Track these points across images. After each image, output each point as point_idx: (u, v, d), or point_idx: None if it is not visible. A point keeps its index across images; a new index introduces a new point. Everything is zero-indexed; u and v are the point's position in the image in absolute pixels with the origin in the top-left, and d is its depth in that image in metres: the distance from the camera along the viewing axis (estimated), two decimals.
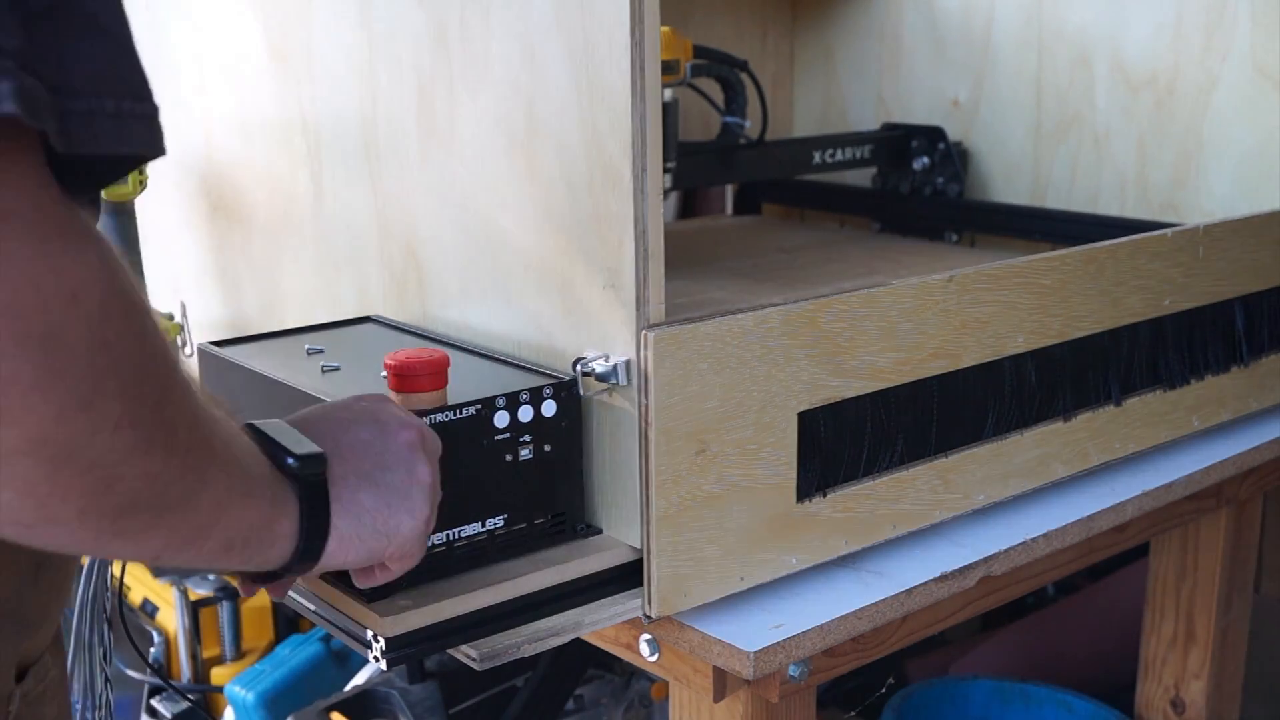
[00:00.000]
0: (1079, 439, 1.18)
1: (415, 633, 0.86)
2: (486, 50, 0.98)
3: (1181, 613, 1.53)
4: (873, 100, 1.92)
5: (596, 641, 1.02)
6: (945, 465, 1.08)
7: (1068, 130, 1.69)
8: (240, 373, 1.00)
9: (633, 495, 0.92)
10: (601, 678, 1.90)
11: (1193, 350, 1.27)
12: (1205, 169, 1.57)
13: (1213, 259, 1.26)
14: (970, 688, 1.75)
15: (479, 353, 1.02)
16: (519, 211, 0.98)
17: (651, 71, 0.86)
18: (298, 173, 1.25)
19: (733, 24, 1.94)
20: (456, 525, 0.90)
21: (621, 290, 0.90)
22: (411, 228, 1.11)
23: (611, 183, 0.89)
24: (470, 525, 0.90)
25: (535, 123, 0.95)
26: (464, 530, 0.90)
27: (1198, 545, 1.51)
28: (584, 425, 0.95)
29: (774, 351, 0.94)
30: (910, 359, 1.04)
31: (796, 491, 0.98)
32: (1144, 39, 1.60)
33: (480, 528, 0.91)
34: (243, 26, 1.28)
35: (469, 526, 0.90)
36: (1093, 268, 1.15)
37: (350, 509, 0.72)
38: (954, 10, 1.79)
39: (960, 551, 1.06)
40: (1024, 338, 1.11)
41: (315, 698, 1.73)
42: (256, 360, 1.01)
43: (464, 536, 0.90)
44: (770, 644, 0.92)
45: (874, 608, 0.98)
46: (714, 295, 1.39)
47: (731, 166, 1.72)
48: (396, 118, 1.10)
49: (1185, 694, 1.55)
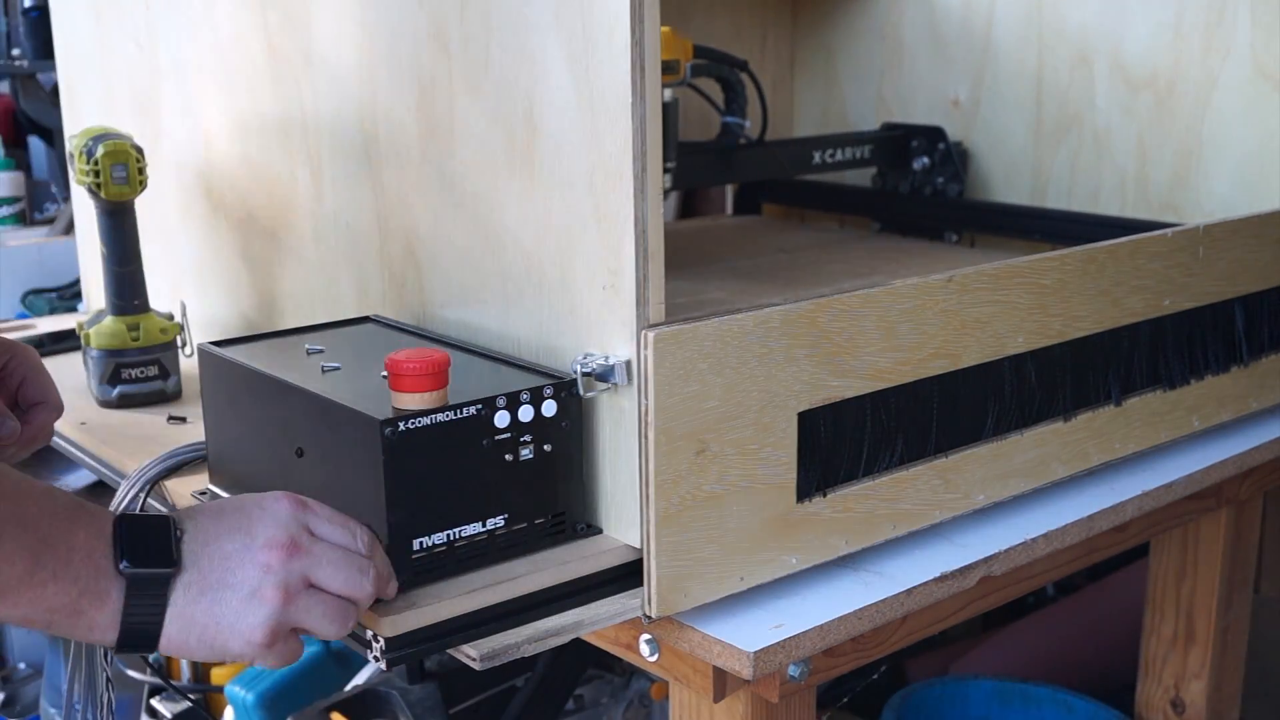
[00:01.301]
0: (1079, 439, 1.18)
1: (415, 633, 0.86)
2: (486, 50, 0.98)
3: (1181, 613, 1.53)
4: (873, 100, 1.92)
5: (596, 641, 1.02)
6: (945, 465, 1.08)
7: (1068, 130, 1.70)
8: (240, 372, 1.00)
9: (633, 495, 0.92)
10: (601, 678, 1.90)
11: (1193, 350, 1.27)
12: (1205, 169, 1.57)
13: (1213, 259, 1.26)
14: (970, 688, 1.75)
15: (479, 352, 1.02)
16: (519, 211, 0.98)
17: (651, 71, 0.86)
18: (298, 173, 1.25)
19: (733, 24, 1.94)
20: (457, 525, 0.89)
21: (621, 290, 0.90)
22: (411, 227, 1.11)
23: (611, 182, 0.89)
24: (471, 525, 0.90)
25: (535, 123, 0.95)
26: (464, 530, 0.90)
27: (1198, 545, 1.50)
28: (584, 425, 0.95)
29: (774, 351, 0.94)
30: (910, 359, 1.04)
31: (796, 491, 0.98)
32: (1144, 38, 1.60)
33: (481, 527, 0.91)
34: (243, 27, 1.28)
35: (469, 526, 0.90)
36: (1093, 268, 1.15)
37: (180, 618, 0.76)
38: (954, 10, 1.79)
39: (960, 551, 1.06)
40: (1024, 338, 1.11)
41: (315, 698, 1.73)
42: (257, 360, 1.01)
43: (464, 536, 0.90)
44: (770, 644, 0.92)
45: (874, 608, 0.98)
46: (714, 295, 1.39)
47: (731, 166, 1.72)
48: (396, 118, 1.10)
49: (1185, 694, 1.55)
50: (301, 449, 0.95)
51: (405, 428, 0.85)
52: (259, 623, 0.77)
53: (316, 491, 0.89)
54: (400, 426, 0.85)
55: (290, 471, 0.96)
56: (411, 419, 0.86)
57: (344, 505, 0.87)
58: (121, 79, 1.49)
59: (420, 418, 0.86)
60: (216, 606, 0.77)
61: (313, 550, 0.80)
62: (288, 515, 0.81)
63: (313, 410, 0.93)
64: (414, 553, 0.88)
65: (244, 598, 0.77)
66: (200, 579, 0.77)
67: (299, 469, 0.95)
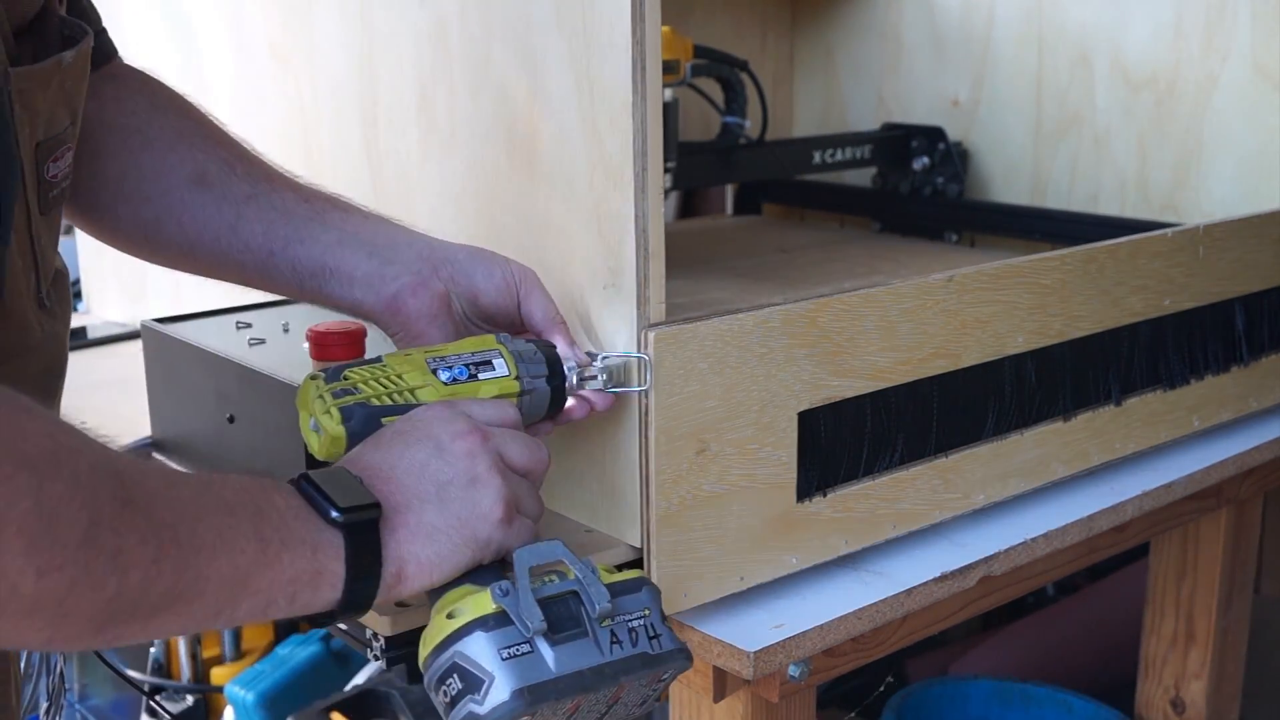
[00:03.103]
0: (1079, 439, 1.18)
1: (415, 632, 0.86)
2: (486, 50, 0.98)
3: (1181, 613, 1.53)
4: (873, 100, 1.92)
5: None
6: (945, 465, 1.08)
7: (1068, 130, 1.69)
8: (178, 346, 1.08)
9: (633, 495, 0.92)
10: None
11: (1193, 350, 1.27)
12: (1205, 169, 1.57)
13: (1213, 259, 1.26)
14: (970, 688, 1.75)
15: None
16: (519, 211, 0.98)
17: (651, 71, 0.86)
18: (297, 172, 1.25)
19: (733, 24, 1.94)
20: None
21: (622, 290, 0.90)
22: (411, 227, 1.11)
23: (612, 182, 0.89)
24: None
25: (535, 122, 0.95)
26: None
27: (1198, 545, 1.50)
28: (583, 425, 0.95)
29: (774, 351, 0.94)
30: (910, 359, 1.04)
31: (796, 491, 0.98)
32: (1144, 39, 1.60)
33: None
34: (243, 27, 1.28)
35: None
36: (1093, 268, 1.15)
37: (419, 534, 0.72)
38: (954, 10, 1.79)
39: (960, 551, 1.06)
40: (1024, 338, 1.11)
41: (315, 698, 1.73)
42: (192, 335, 1.09)
43: None
44: (770, 644, 0.92)
45: (874, 608, 0.98)
46: (714, 295, 1.39)
47: (731, 166, 1.72)
48: (396, 117, 1.10)
49: (1185, 694, 1.55)
50: (232, 415, 1.01)
51: None
52: (495, 499, 0.74)
53: (247, 454, 0.97)
54: None
55: (223, 437, 1.03)
56: None
57: (271, 467, 0.94)
58: None
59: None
60: (447, 506, 0.73)
61: (493, 432, 0.78)
62: (449, 411, 0.78)
63: (242, 379, 1.00)
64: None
65: (465, 486, 0.74)
66: (416, 493, 0.73)
67: (231, 434, 1.01)
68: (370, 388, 0.80)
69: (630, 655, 0.73)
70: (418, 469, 0.74)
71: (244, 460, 1.02)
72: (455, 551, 0.73)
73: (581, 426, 0.94)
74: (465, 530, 0.74)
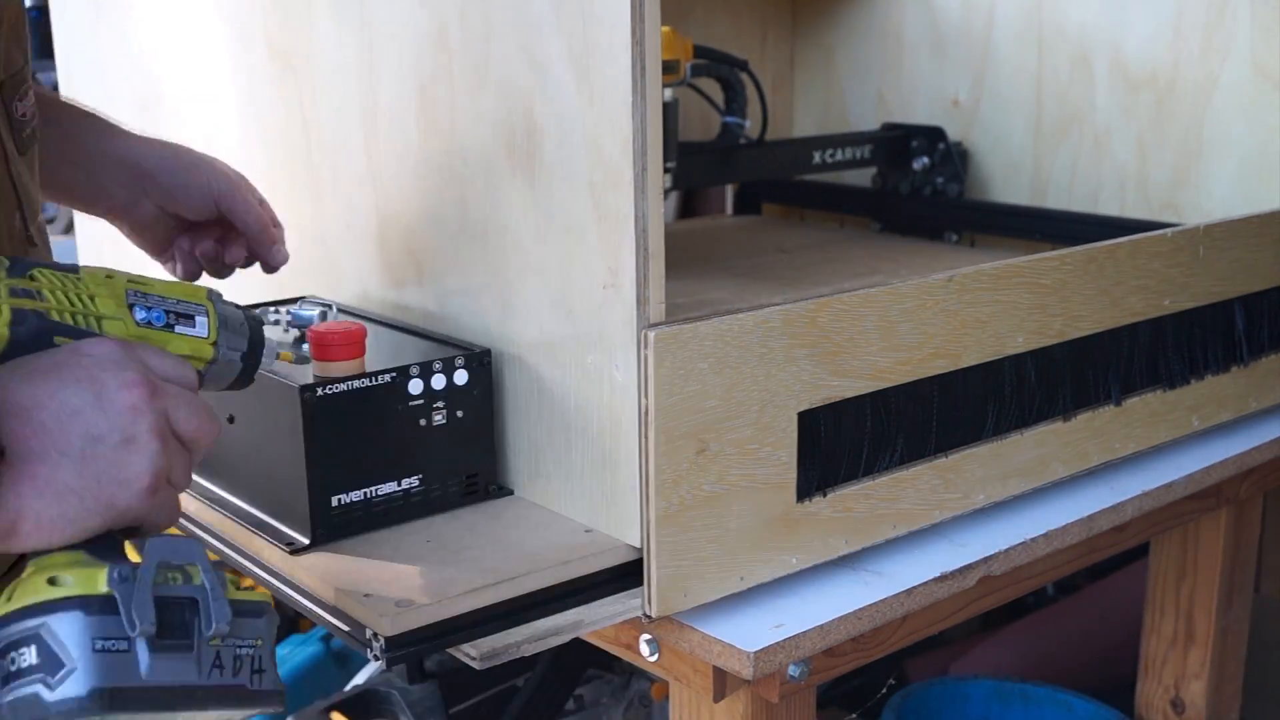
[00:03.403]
0: (1079, 439, 1.18)
1: (415, 632, 0.86)
2: (486, 50, 0.98)
3: (1181, 613, 1.53)
4: (873, 100, 1.92)
5: (596, 641, 1.02)
6: (945, 465, 1.08)
7: (1068, 130, 1.70)
8: None
9: (633, 495, 0.92)
10: (601, 678, 1.90)
11: (1193, 350, 1.27)
12: (1205, 169, 1.57)
13: (1213, 259, 1.26)
14: (970, 688, 1.75)
15: (408, 330, 1.09)
16: (519, 211, 0.98)
17: (651, 71, 0.86)
18: (298, 172, 1.25)
19: (733, 24, 1.94)
20: (374, 484, 0.97)
21: (621, 290, 0.90)
22: (411, 227, 1.11)
23: (611, 182, 0.89)
24: (387, 484, 0.98)
25: (535, 122, 0.95)
26: (381, 489, 0.98)
27: (1198, 545, 1.50)
28: (583, 424, 0.96)
29: (774, 351, 0.94)
30: (910, 359, 1.04)
31: (796, 491, 0.98)
32: (1144, 38, 1.60)
33: (396, 486, 0.98)
34: (243, 27, 1.28)
35: (385, 485, 0.98)
36: (1093, 268, 1.15)
37: (47, 490, 0.65)
38: (954, 9, 1.79)
39: (960, 551, 1.06)
40: (1024, 338, 1.11)
41: (315, 698, 1.73)
42: None
43: (381, 494, 0.97)
44: (770, 644, 0.92)
45: (874, 608, 0.98)
46: (714, 295, 1.39)
47: (731, 166, 1.72)
48: (397, 118, 1.10)
49: (1185, 694, 1.55)
50: (233, 416, 1.01)
51: (323, 393, 0.94)
52: (145, 467, 0.67)
53: (247, 454, 0.98)
54: (319, 392, 0.93)
55: (223, 437, 1.01)
56: (329, 385, 0.94)
57: (270, 465, 0.96)
58: (121, 79, 1.49)
59: (337, 384, 0.94)
60: (88, 465, 0.65)
61: (166, 390, 0.70)
62: (122, 354, 0.70)
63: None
64: (333, 509, 0.95)
65: (117, 445, 0.66)
66: (57, 443, 0.65)
67: (231, 434, 1.02)
68: (55, 299, 0.71)
69: (227, 685, 0.66)
70: (67, 415, 0.66)
71: (244, 460, 1.02)
72: (84, 516, 0.66)
73: (581, 426, 0.94)
74: (103, 495, 0.66)
